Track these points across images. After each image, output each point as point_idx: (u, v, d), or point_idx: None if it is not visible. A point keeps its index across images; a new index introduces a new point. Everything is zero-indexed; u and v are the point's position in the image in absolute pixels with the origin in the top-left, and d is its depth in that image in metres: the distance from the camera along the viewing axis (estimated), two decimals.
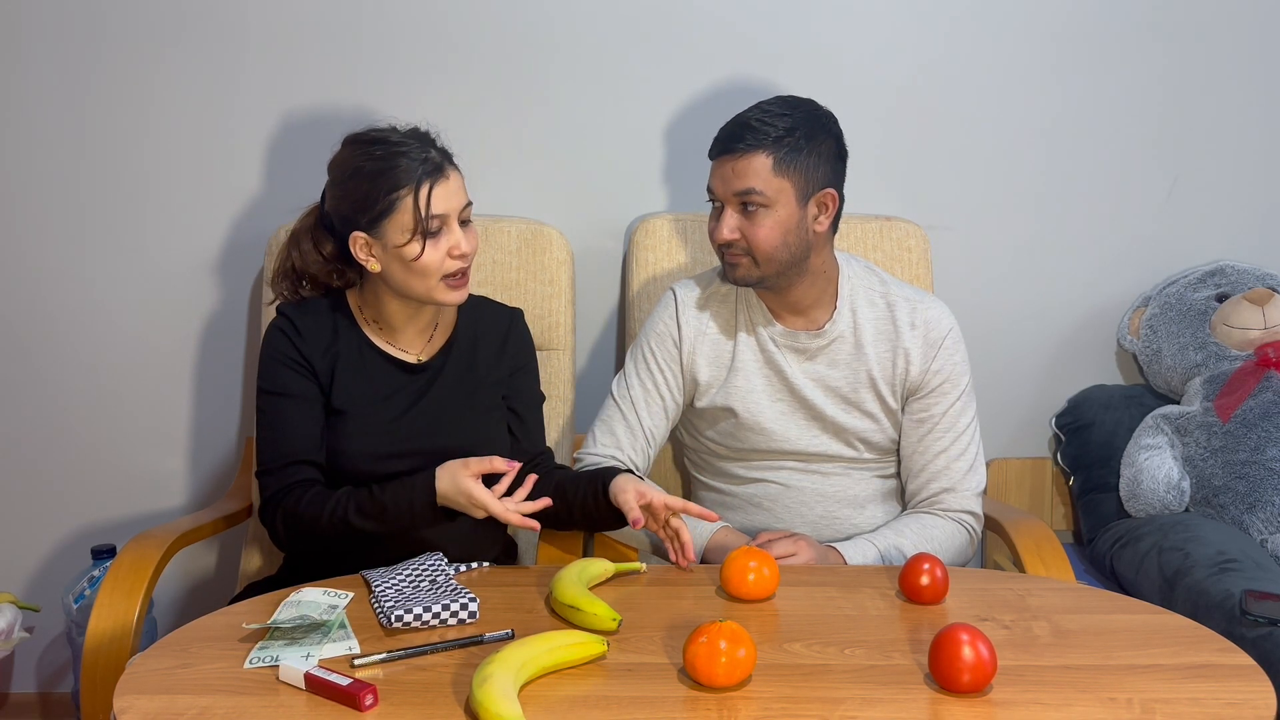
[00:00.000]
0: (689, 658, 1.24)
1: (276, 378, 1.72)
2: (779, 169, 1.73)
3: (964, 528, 1.86)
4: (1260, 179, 2.37)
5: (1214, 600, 1.81)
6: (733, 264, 1.79)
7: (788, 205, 1.75)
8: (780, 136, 1.72)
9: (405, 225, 1.63)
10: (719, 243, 1.79)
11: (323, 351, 1.73)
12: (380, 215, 1.64)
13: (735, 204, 1.75)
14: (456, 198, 1.67)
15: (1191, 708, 1.20)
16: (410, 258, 1.64)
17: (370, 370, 1.75)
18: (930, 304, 1.89)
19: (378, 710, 1.20)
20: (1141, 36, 2.30)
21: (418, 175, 1.63)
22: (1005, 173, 2.34)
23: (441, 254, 1.65)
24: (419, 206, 1.62)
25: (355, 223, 1.66)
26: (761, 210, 1.74)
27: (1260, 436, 2.11)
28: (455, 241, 1.66)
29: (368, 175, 1.64)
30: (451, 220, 1.66)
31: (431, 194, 1.63)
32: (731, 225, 1.76)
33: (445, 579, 1.52)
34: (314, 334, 1.73)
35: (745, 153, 1.73)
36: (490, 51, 2.26)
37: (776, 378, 1.87)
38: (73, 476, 2.38)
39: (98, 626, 1.71)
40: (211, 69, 2.25)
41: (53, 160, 2.27)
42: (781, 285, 1.82)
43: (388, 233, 1.64)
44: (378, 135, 1.68)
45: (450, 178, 1.66)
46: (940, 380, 1.86)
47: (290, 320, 1.74)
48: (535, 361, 1.89)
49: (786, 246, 1.76)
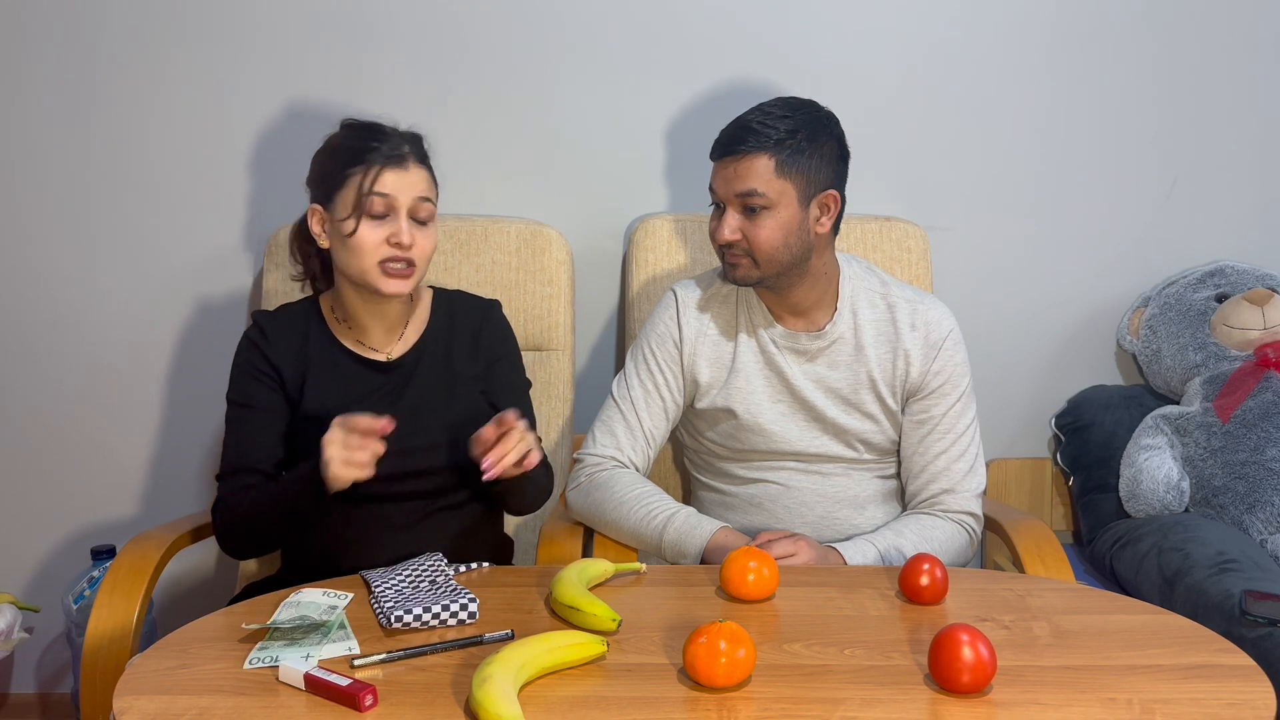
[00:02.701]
0: (689, 658, 1.24)
1: (242, 388, 1.75)
2: (781, 171, 1.73)
3: (964, 529, 1.86)
4: (1260, 179, 2.37)
5: (1214, 600, 1.81)
6: (733, 264, 1.79)
7: (789, 206, 1.75)
8: (782, 139, 1.73)
9: (349, 201, 1.67)
10: (720, 243, 1.79)
11: (293, 357, 1.75)
12: (334, 188, 1.68)
13: (737, 205, 1.75)
14: (410, 189, 1.68)
15: (1191, 708, 1.20)
16: (345, 233, 1.67)
17: (342, 372, 1.76)
18: (931, 305, 1.89)
19: (377, 711, 1.20)
20: (1141, 36, 2.30)
21: (378, 158, 1.67)
22: (1005, 173, 2.35)
23: (379, 238, 1.67)
24: (364, 184, 1.65)
25: (316, 194, 1.72)
26: (763, 211, 1.74)
27: (1260, 437, 2.11)
28: (397, 230, 1.67)
29: (337, 151, 1.71)
30: (400, 210, 1.67)
31: (381, 174, 1.66)
32: (733, 226, 1.76)
33: (445, 579, 1.52)
34: (283, 340, 1.76)
35: (747, 154, 1.73)
36: (491, 52, 2.26)
37: (777, 379, 1.87)
38: (73, 476, 2.38)
39: (97, 627, 1.70)
40: (213, 69, 2.25)
41: (53, 160, 2.27)
42: (782, 286, 1.82)
43: (336, 206, 1.69)
44: (369, 123, 1.74)
45: (410, 170, 1.68)
46: (940, 381, 1.86)
47: (260, 329, 1.77)
48: (515, 351, 1.88)
49: (788, 248, 1.76)
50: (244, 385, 1.75)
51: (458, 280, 2.15)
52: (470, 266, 2.16)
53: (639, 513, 1.81)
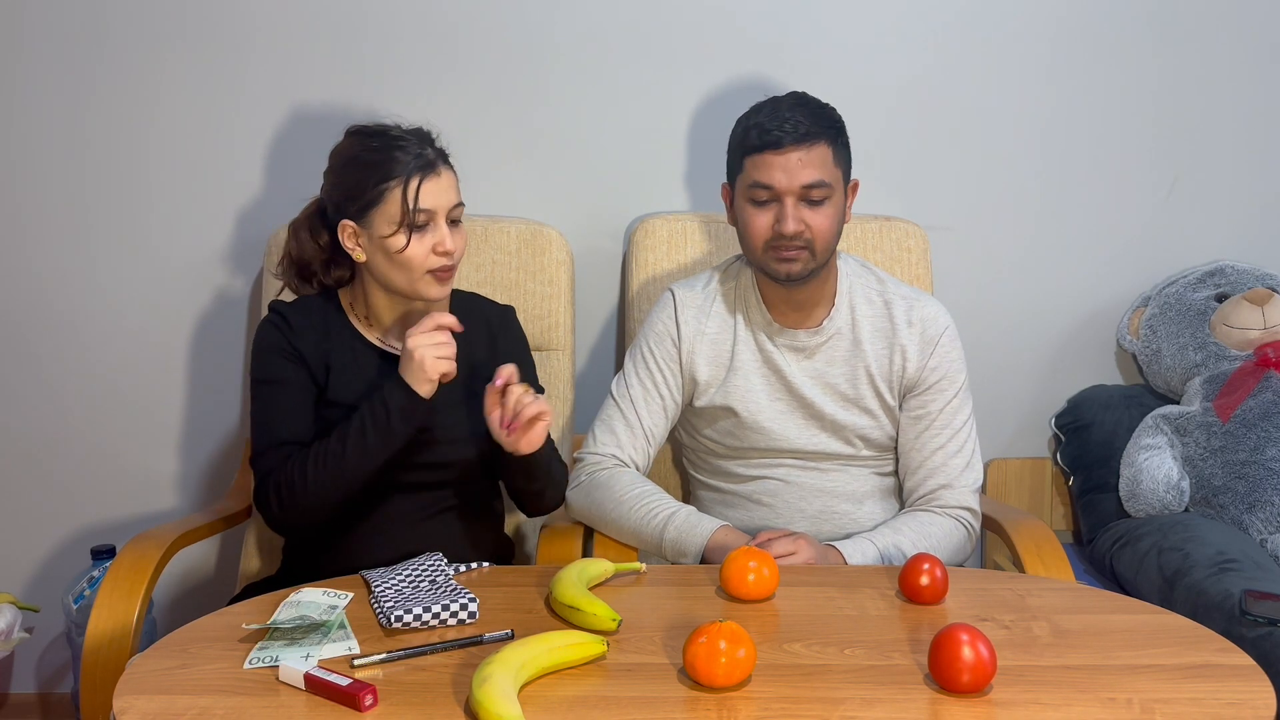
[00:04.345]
0: (689, 658, 1.24)
1: (269, 366, 1.73)
2: (836, 158, 1.77)
3: (962, 524, 1.86)
4: (1259, 178, 2.37)
5: (1214, 600, 1.81)
6: (790, 259, 1.76)
7: (840, 194, 1.79)
8: (832, 127, 1.77)
9: (392, 217, 1.65)
10: (784, 234, 1.74)
11: (315, 346, 1.74)
12: (369, 205, 1.66)
13: (797, 196, 1.75)
14: (446, 195, 1.68)
15: (1191, 708, 1.20)
16: (394, 250, 1.66)
17: (363, 366, 1.75)
18: (926, 302, 1.90)
19: (377, 710, 1.20)
20: (1141, 36, 2.30)
21: (409, 169, 1.65)
22: (1005, 173, 2.35)
23: (426, 249, 1.67)
24: (407, 199, 1.64)
25: (345, 211, 1.69)
26: (825, 201, 1.76)
27: (1260, 436, 2.11)
28: (441, 238, 1.67)
29: (362, 165, 1.67)
30: (439, 217, 1.68)
31: (421, 188, 1.65)
32: (797, 218, 1.74)
33: (445, 579, 1.52)
34: (306, 330, 1.75)
35: (812, 143, 1.74)
36: (490, 52, 2.26)
37: (775, 377, 1.88)
38: (73, 476, 2.38)
39: (97, 627, 1.70)
40: (212, 68, 2.25)
41: (53, 160, 2.27)
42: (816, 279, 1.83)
43: (375, 223, 1.67)
44: (378, 128, 1.71)
45: (442, 175, 1.68)
46: (937, 377, 1.86)
47: (282, 316, 1.76)
48: (529, 356, 1.90)
49: (837, 236, 1.80)
50: (271, 364, 1.72)
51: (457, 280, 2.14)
52: (470, 266, 2.16)
53: (639, 512, 1.81)
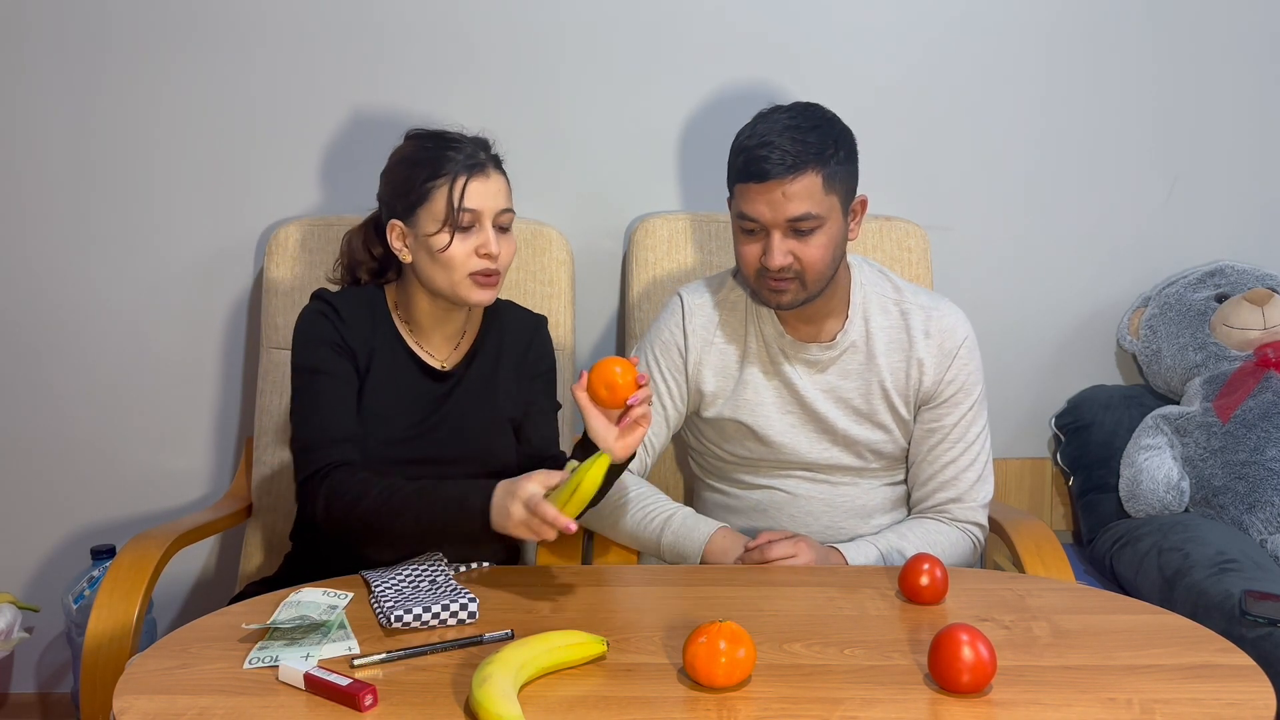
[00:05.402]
0: (689, 658, 1.24)
1: (316, 354, 1.68)
2: (828, 186, 1.66)
3: (969, 537, 1.83)
4: (1259, 179, 2.37)
5: (1214, 600, 1.81)
6: (778, 290, 1.70)
7: (836, 221, 1.69)
8: (825, 151, 1.65)
9: (437, 215, 1.65)
10: (769, 268, 1.68)
11: (362, 341, 1.71)
12: (416, 202, 1.66)
13: (784, 229, 1.66)
14: (494, 199, 1.67)
15: (1191, 708, 1.20)
16: (438, 248, 1.65)
17: (399, 371, 1.73)
18: (946, 312, 1.83)
19: (377, 710, 1.20)
20: (1142, 36, 2.30)
21: (458, 168, 1.65)
22: (1005, 173, 2.35)
23: (469, 250, 1.65)
24: (452, 197, 1.64)
25: (395, 210, 1.69)
26: (815, 231, 1.66)
27: (1260, 437, 2.11)
28: (485, 240, 1.65)
29: (413, 163, 1.67)
30: (485, 219, 1.67)
31: (467, 187, 1.64)
32: (784, 250, 1.66)
33: (445, 579, 1.51)
34: (355, 322, 1.72)
35: (797, 174, 1.63)
36: (491, 52, 2.26)
37: (786, 390, 1.83)
38: (73, 476, 2.38)
39: (97, 627, 1.71)
40: (213, 69, 2.25)
41: (53, 160, 2.27)
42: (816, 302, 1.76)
43: (421, 221, 1.66)
44: (436, 131, 1.72)
45: (491, 178, 1.68)
46: (954, 390, 1.82)
47: (331, 305, 1.72)
48: (555, 369, 1.86)
49: (834, 262, 1.71)
50: (320, 353, 1.68)
51: None
52: None
53: (637, 514, 1.80)
